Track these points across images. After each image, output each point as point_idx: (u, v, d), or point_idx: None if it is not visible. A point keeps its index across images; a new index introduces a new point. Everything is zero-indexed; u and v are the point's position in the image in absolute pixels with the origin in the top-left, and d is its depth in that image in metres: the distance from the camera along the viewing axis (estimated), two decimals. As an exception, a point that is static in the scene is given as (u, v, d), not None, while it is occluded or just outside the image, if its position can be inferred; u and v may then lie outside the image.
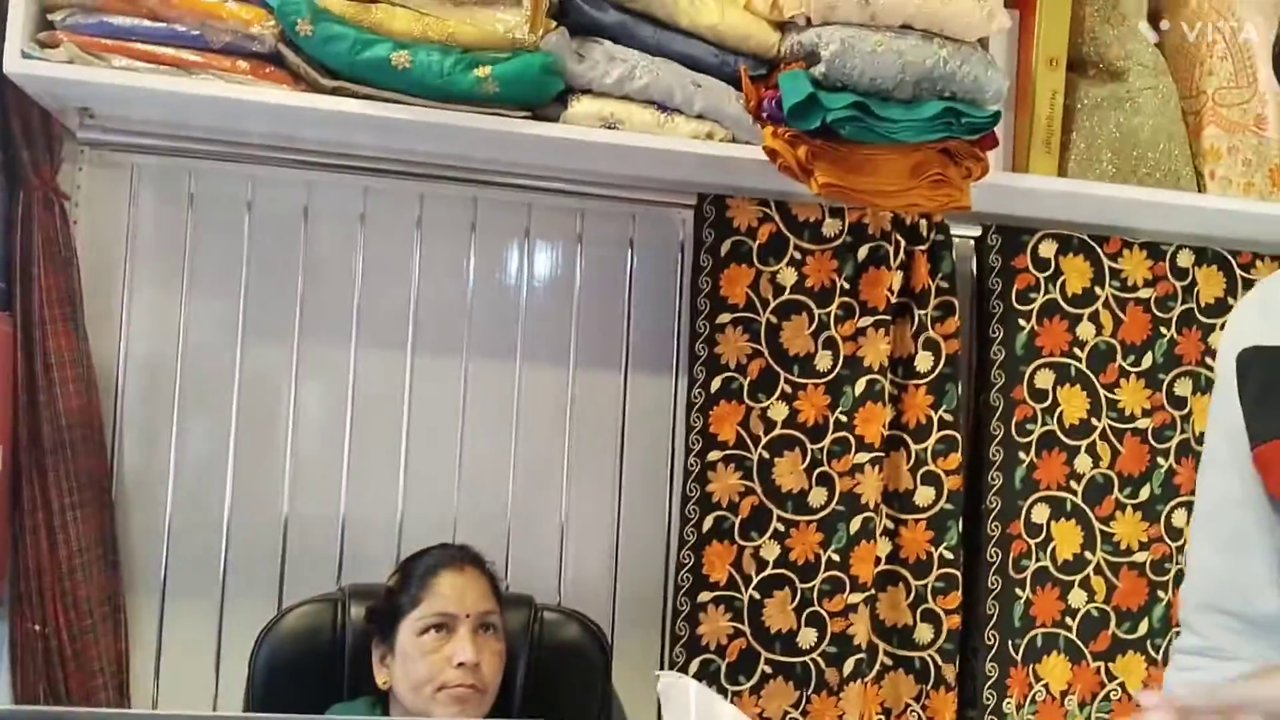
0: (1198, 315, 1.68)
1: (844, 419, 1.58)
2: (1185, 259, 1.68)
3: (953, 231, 1.65)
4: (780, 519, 1.57)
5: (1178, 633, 1.14)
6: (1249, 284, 1.68)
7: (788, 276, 1.59)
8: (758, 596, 1.57)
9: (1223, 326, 1.65)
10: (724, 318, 1.58)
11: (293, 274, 1.63)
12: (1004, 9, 1.54)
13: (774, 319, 1.59)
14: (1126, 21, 1.62)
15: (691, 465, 1.56)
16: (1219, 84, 1.64)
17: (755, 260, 1.59)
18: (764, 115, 1.48)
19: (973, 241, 1.68)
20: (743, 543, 1.57)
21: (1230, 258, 1.69)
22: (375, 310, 1.66)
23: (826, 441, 1.58)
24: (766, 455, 1.57)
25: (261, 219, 1.63)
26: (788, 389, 1.58)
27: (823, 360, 1.59)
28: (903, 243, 1.61)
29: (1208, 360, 1.66)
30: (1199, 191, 1.63)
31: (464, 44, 1.39)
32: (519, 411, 1.68)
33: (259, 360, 1.63)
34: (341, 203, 1.65)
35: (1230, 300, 1.67)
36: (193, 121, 1.53)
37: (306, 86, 1.41)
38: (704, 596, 1.55)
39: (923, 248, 1.62)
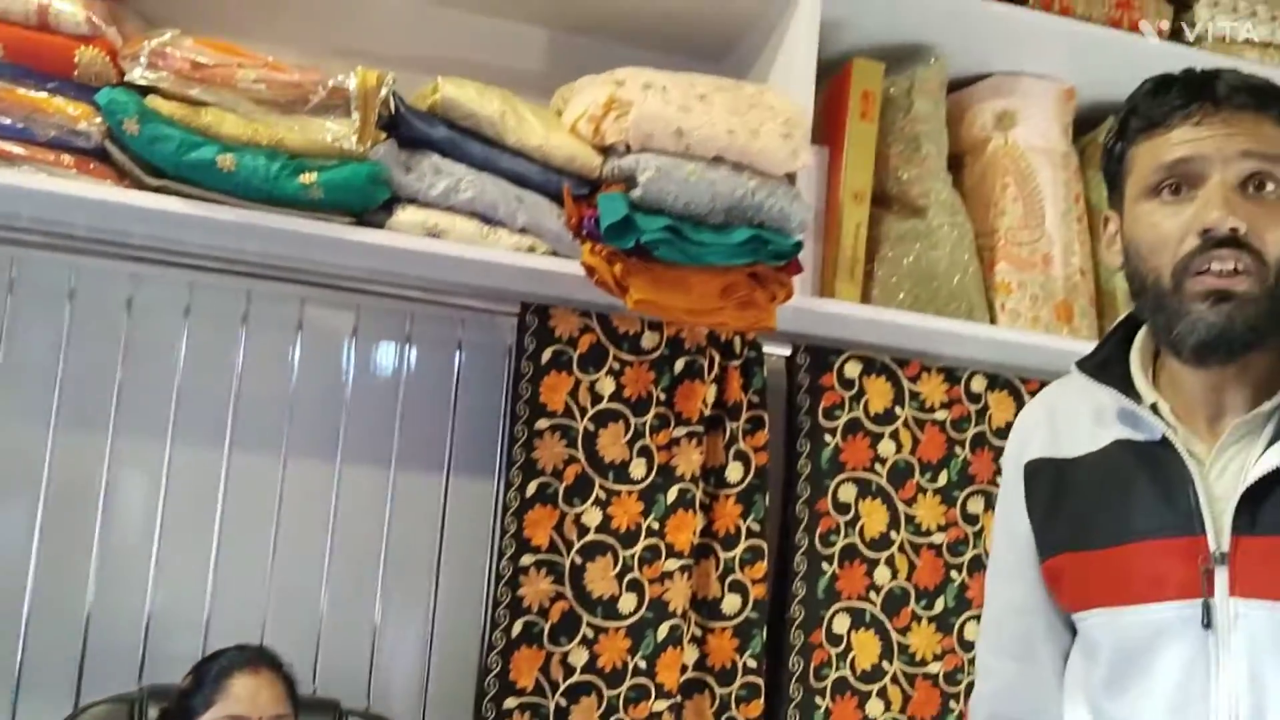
0: (989, 437, 1.79)
1: (656, 526, 1.63)
2: (979, 384, 1.80)
3: (765, 349, 1.73)
4: (590, 625, 1.60)
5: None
6: (1036, 409, 1.80)
7: (606, 386, 1.65)
8: (564, 704, 1.58)
9: (1012, 447, 1.77)
10: (542, 423, 1.62)
11: (112, 365, 1.62)
12: (812, 146, 1.65)
13: (591, 426, 1.64)
14: (926, 163, 1.76)
15: (504, 569, 1.59)
16: (1010, 224, 1.78)
17: (575, 369, 1.64)
18: (584, 232, 1.55)
19: (784, 359, 1.77)
20: (551, 648, 1.59)
21: (1019, 384, 1.81)
22: (195, 405, 1.66)
23: (638, 548, 1.62)
24: (579, 560, 1.60)
25: (83, 309, 1.63)
26: (602, 495, 1.63)
27: (637, 468, 1.64)
28: (717, 358, 1.69)
29: (998, 480, 1.76)
30: (991, 323, 1.74)
31: (292, 150, 1.43)
32: (337, 511, 1.68)
33: (71, 451, 1.61)
34: (166, 296, 1.65)
35: (1019, 424, 1.78)
36: (16, 211, 1.53)
37: (132, 183, 1.43)
38: (510, 703, 1.56)
39: (736, 363, 1.69)
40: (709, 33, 1.84)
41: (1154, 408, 1.14)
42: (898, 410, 1.76)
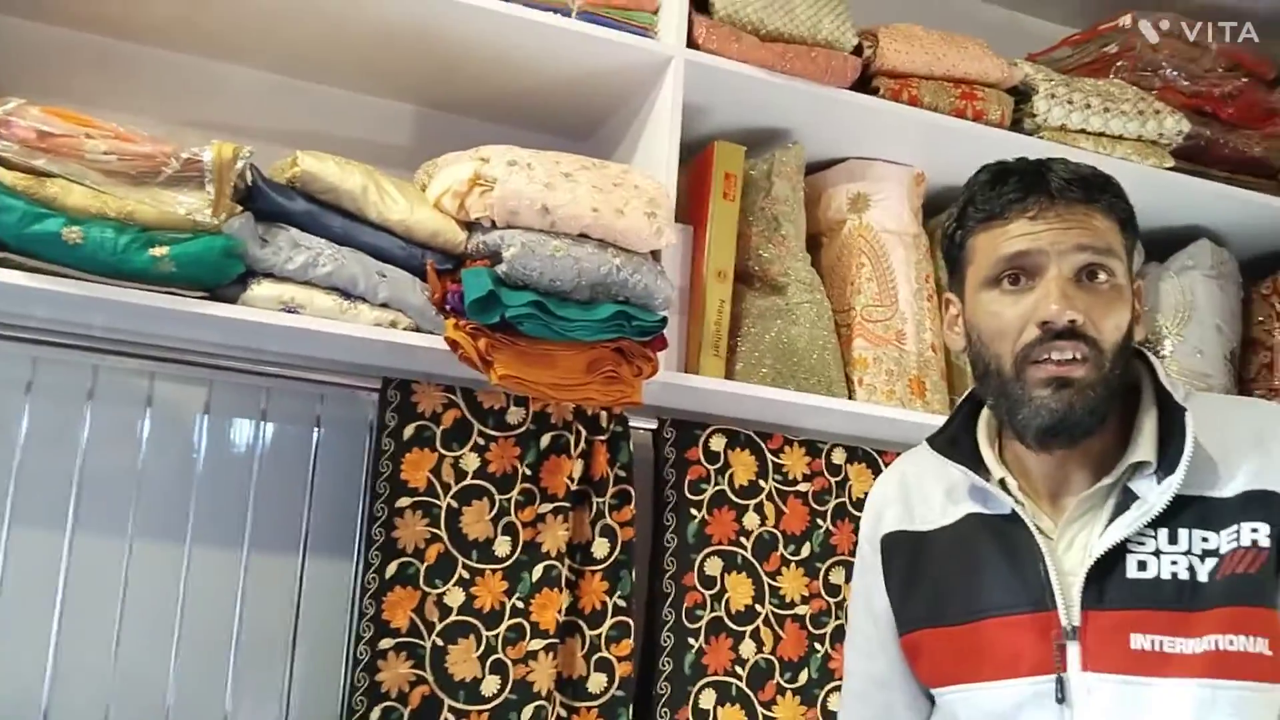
0: (849, 508, 1.82)
1: (520, 605, 1.61)
2: (839, 456, 1.84)
3: (632, 423, 1.74)
4: (452, 709, 1.55)
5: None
6: (894, 481, 1.84)
7: (470, 462, 1.63)
8: (425, 790, 1.53)
9: (872, 519, 1.81)
10: (404, 501, 1.59)
11: (-58, 444, 1.54)
12: (676, 225, 1.69)
13: (455, 504, 1.61)
14: (786, 242, 1.81)
15: (361, 654, 1.53)
16: (866, 302, 1.83)
17: (438, 445, 1.62)
18: (448, 307, 1.54)
19: (650, 433, 1.78)
20: (412, 733, 1.54)
21: (877, 456, 1.86)
22: (37, 484, 1.57)
23: (502, 628, 1.59)
24: (440, 643, 1.57)
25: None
26: (465, 574, 1.60)
27: (502, 546, 1.62)
28: (584, 432, 1.68)
29: (859, 551, 1.80)
30: (849, 397, 1.79)
31: (142, 223, 1.39)
32: (186, 594, 1.61)
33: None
34: (7, 372, 1.58)
35: (878, 496, 1.82)
36: None
37: (-30, 255, 1.36)
38: (368, 792, 1.51)
39: (602, 438, 1.69)
40: (575, 113, 1.87)
41: (1002, 483, 1.18)
42: (762, 483, 1.78)
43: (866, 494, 1.79)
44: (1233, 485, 1.11)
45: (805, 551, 1.78)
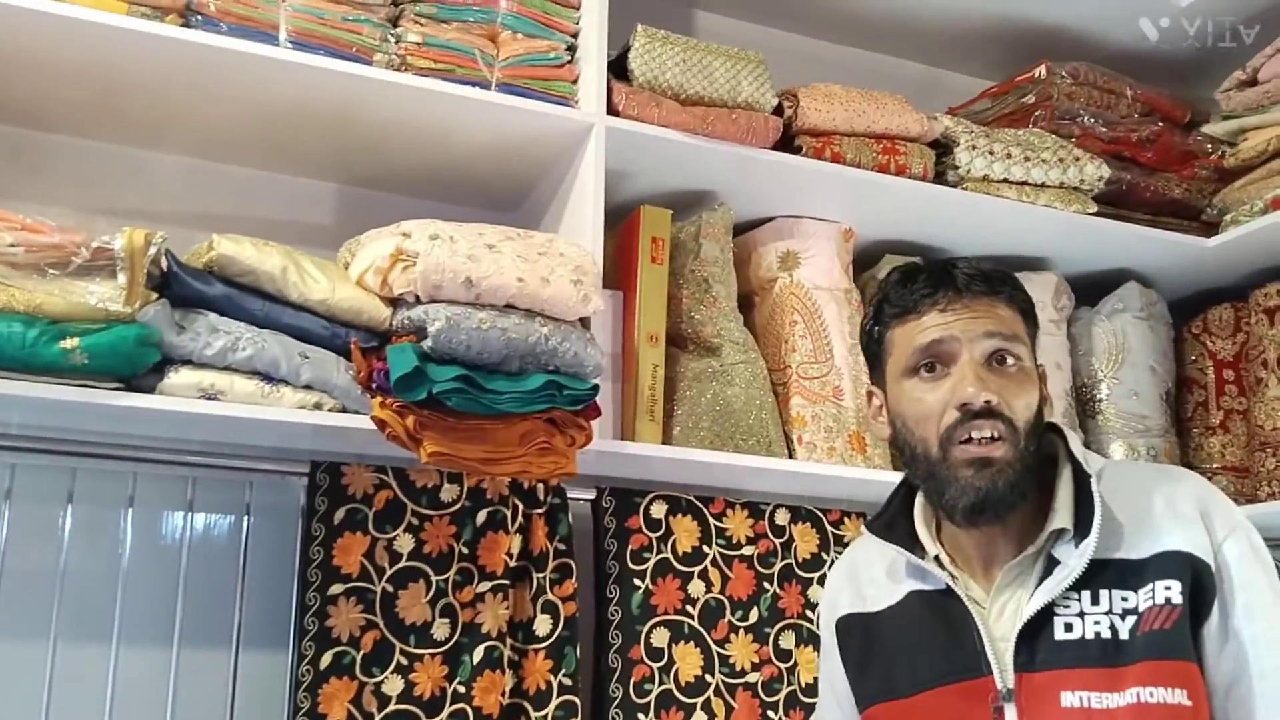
0: (796, 570, 1.79)
1: (461, 689, 1.56)
2: (782, 517, 1.82)
3: (570, 494, 1.71)
4: (394, 801, 1.50)
5: None
6: (839, 539, 1.83)
7: (405, 543, 1.59)
8: None
9: (820, 580, 1.79)
10: (336, 588, 1.54)
11: None
12: (605, 291, 1.68)
13: (390, 588, 1.57)
14: (718, 303, 1.80)
15: (297, 750, 1.48)
16: (801, 360, 1.83)
17: (371, 528, 1.58)
18: (374, 386, 1.50)
19: (589, 504, 1.75)
20: (353, 831, 1.48)
21: (821, 515, 1.84)
22: (-53, 591, 1.51)
23: (443, 716, 1.54)
24: (380, 733, 1.51)
25: None
26: (403, 661, 1.55)
27: (440, 629, 1.57)
28: (520, 506, 1.65)
29: (808, 613, 1.77)
30: (789, 456, 1.77)
31: (52, 315, 1.35)
32: (114, 696, 1.54)
33: None
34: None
35: (824, 555, 1.80)
36: None
37: None
38: None
39: (540, 511, 1.66)
40: (500, 184, 1.86)
41: (937, 559, 1.25)
42: (705, 549, 1.75)
43: (813, 554, 1.81)
44: (1146, 546, 1.17)
45: (753, 617, 1.75)
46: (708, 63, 1.78)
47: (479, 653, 1.57)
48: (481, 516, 1.63)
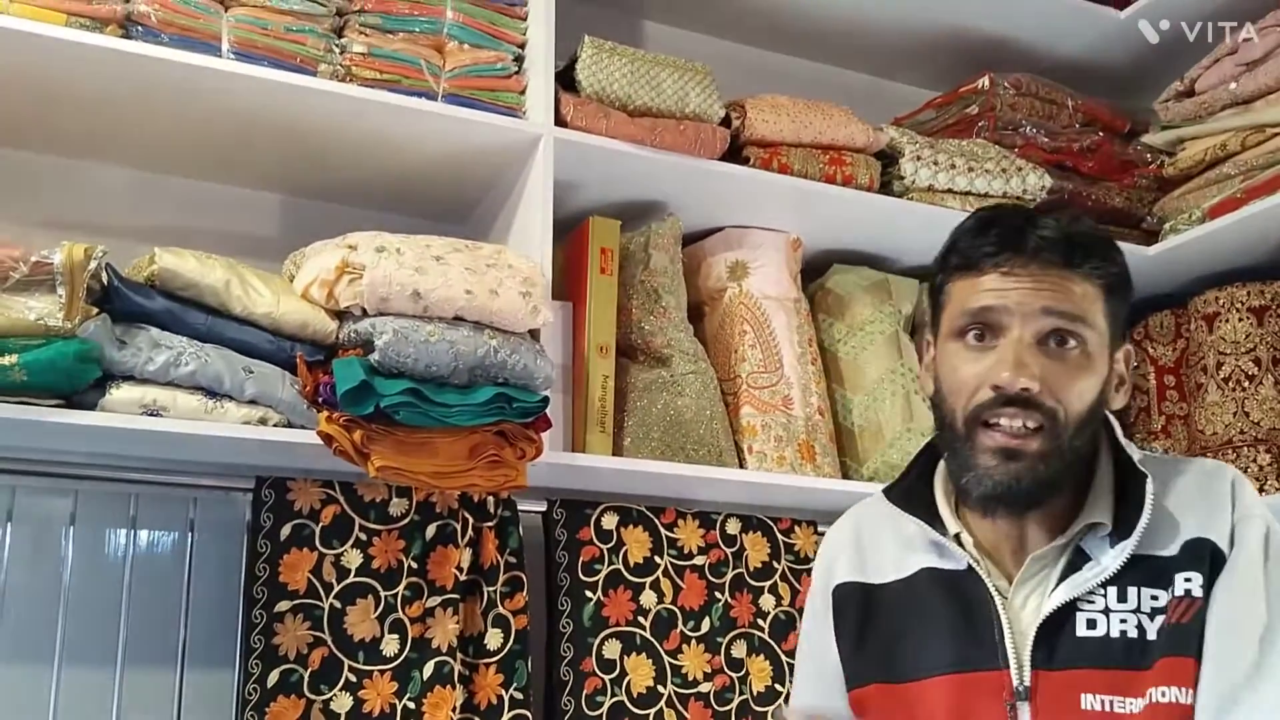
0: (748, 579, 1.80)
1: (412, 706, 1.54)
2: (733, 526, 1.82)
3: (520, 507, 1.70)
4: (344, 820, 1.48)
5: None
6: (790, 547, 1.83)
7: (353, 559, 1.57)
8: None
9: (770, 589, 1.79)
10: (283, 605, 1.52)
11: None
12: (555, 302, 1.67)
13: (338, 604, 1.55)
14: (667, 314, 1.80)
15: (244, 770, 1.46)
16: (751, 369, 1.83)
17: (318, 543, 1.56)
18: (320, 400, 1.49)
19: (540, 516, 1.74)
20: None
21: (772, 524, 1.84)
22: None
23: (394, 730, 1.53)
24: (329, 751, 1.50)
25: None
26: (352, 678, 1.53)
27: (390, 645, 1.56)
28: (470, 520, 1.64)
29: (759, 622, 1.78)
30: (740, 466, 1.78)
31: (-11, 332, 1.33)
32: (55, 718, 1.52)
33: None
34: None
35: (775, 564, 1.81)
36: None
37: None
38: None
39: (490, 524, 1.65)
40: (448, 195, 1.85)
41: (958, 538, 1.16)
42: (657, 559, 1.75)
43: (764, 564, 1.81)
44: (1176, 541, 1.10)
45: (705, 626, 1.75)
46: (655, 74, 1.79)
47: (429, 668, 1.56)
48: (431, 530, 1.62)
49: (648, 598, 1.73)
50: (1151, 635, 1.07)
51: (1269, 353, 1.95)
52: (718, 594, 1.78)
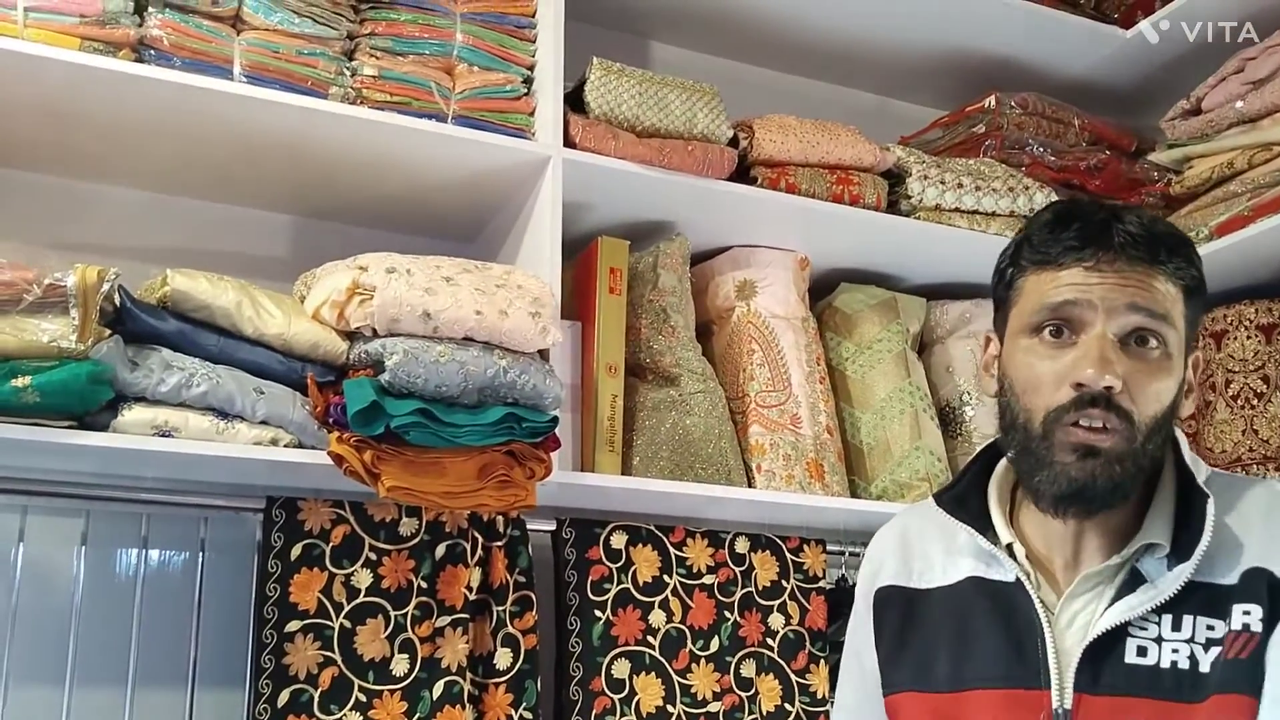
0: (756, 598, 1.80)
1: (422, 725, 1.55)
2: (742, 545, 1.82)
3: (530, 526, 1.70)
4: (354, 840, 1.48)
5: None
6: (799, 566, 1.83)
7: (363, 578, 1.58)
8: None
9: (780, 608, 1.80)
10: (293, 625, 1.52)
11: None
12: (564, 322, 1.68)
13: (348, 624, 1.55)
14: (676, 333, 1.81)
15: (255, 790, 1.46)
16: (759, 388, 1.84)
17: (328, 563, 1.57)
18: (331, 420, 1.50)
19: (549, 535, 1.74)
20: None
21: (781, 543, 1.84)
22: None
23: (403, 751, 1.53)
24: (339, 771, 1.50)
25: None
26: (362, 698, 1.53)
27: (399, 664, 1.56)
28: (480, 539, 1.64)
29: (769, 641, 1.78)
30: (748, 485, 1.78)
31: (3, 353, 1.34)
32: (65, 741, 1.52)
33: None
34: None
35: (784, 583, 1.81)
36: None
37: None
38: None
39: (500, 544, 1.66)
40: (458, 216, 1.86)
41: (1009, 549, 1.13)
42: (666, 578, 1.76)
43: (773, 582, 1.81)
44: (1236, 569, 1.05)
45: (714, 646, 1.75)
46: (663, 95, 1.80)
47: (439, 688, 1.57)
48: (440, 550, 1.62)
49: (657, 617, 1.73)
50: (1204, 668, 1.02)
51: (1277, 370, 1.95)
52: (727, 613, 1.77)
